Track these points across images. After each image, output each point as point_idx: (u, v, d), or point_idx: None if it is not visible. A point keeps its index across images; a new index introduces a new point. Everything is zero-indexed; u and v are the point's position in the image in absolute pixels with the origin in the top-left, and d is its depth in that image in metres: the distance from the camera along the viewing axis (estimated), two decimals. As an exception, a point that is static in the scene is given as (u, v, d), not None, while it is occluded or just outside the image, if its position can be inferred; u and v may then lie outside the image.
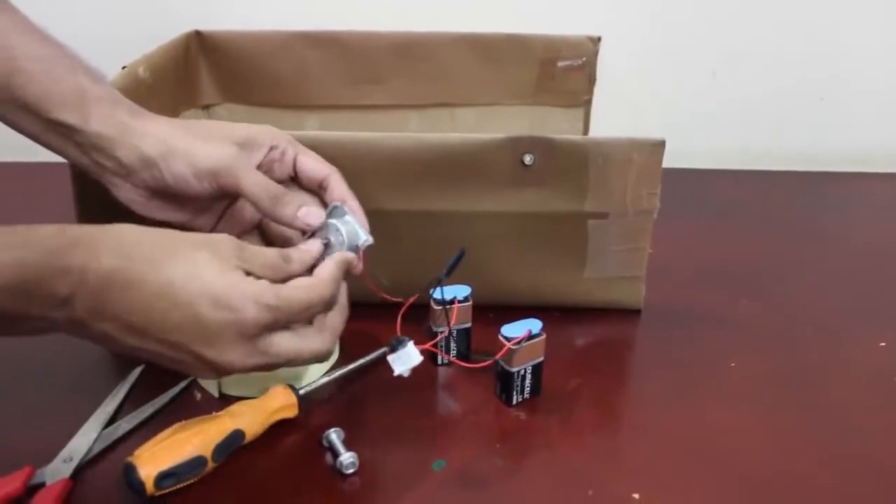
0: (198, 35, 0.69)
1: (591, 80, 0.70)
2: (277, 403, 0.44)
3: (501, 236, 0.53)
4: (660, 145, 0.50)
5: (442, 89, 0.71)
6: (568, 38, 0.69)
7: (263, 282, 0.36)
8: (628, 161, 0.50)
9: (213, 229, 0.46)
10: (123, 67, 0.58)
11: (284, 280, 0.38)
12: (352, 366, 0.49)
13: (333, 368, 0.49)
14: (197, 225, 0.45)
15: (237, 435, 0.42)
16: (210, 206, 0.46)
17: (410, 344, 0.41)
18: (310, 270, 0.41)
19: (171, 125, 0.43)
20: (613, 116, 0.71)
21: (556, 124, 0.70)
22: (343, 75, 0.70)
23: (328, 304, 0.39)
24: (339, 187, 0.45)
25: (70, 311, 0.34)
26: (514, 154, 0.50)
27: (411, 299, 0.46)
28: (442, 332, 0.49)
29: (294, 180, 0.46)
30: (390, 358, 0.41)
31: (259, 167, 0.43)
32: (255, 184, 0.42)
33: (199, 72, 0.70)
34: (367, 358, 0.50)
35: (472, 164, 0.50)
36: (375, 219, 0.46)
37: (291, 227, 0.43)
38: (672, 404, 0.48)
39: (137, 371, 0.48)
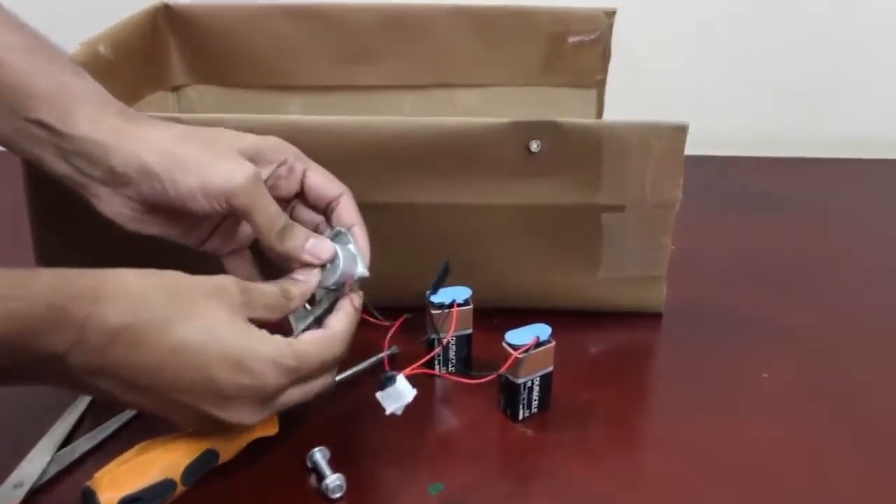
0: (166, 8, 0.69)
1: (606, 57, 0.70)
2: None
3: (505, 232, 0.53)
4: (682, 130, 0.50)
5: (439, 68, 0.71)
6: (579, 10, 0.69)
7: (279, 339, 0.38)
8: (647, 147, 0.50)
9: (202, 244, 0.46)
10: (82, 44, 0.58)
11: (283, 315, 0.41)
12: (339, 377, 0.48)
13: None
14: (187, 241, 0.45)
15: (210, 455, 0.41)
16: (205, 222, 0.46)
17: (401, 379, 0.41)
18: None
19: (173, 131, 0.43)
20: (630, 98, 0.70)
21: (566, 107, 0.70)
22: (329, 53, 0.70)
23: (340, 360, 0.41)
24: (348, 210, 0.45)
25: (62, 364, 0.34)
26: (520, 140, 0.50)
27: (400, 319, 0.47)
28: (440, 342, 0.49)
29: (299, 197, 0.46)
30: (380, 396, 0.41)
31: (265, 184, 0.43)
32: (265, 214, 0.42)
33: (167, 49, 0.69)
34: (356, 369, 0.50)
35: (472, 151, 0.50)
36: (363, 214, 0.46)
37: (297, 260, 0.43)
38: (698, 419, 0.48)
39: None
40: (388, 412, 0.41)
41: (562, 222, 0.53)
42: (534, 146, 0.50)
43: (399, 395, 0.41)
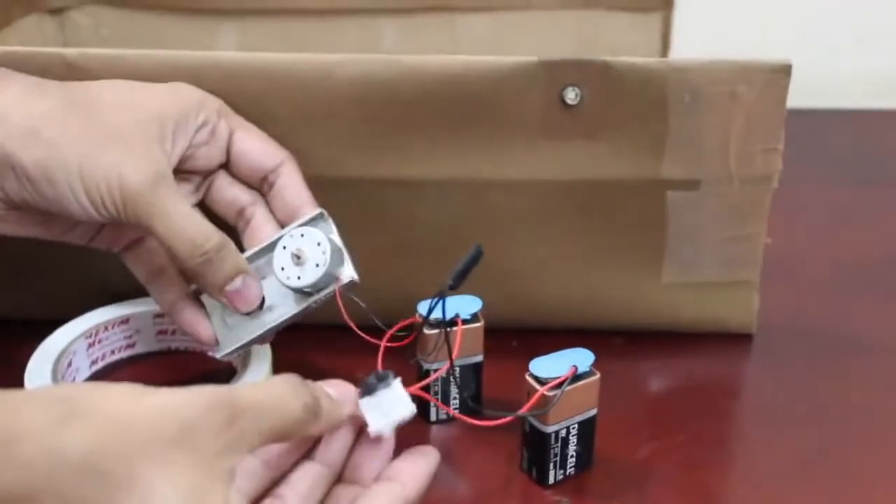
0: None
1: (673, -34, 0.71)
2: None
3: (530, 219, 0.54)
4: (783, 72, 0.50)
5: (433, -18, 0.73)
6: None
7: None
8: (732, 97, 0.50)
9: (90, 241, 0.47)
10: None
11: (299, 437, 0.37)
12: None
13: None
14: (69, 239, 0.47)
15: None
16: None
17: (397, 383, 0.41)
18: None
19: (44, 100, 0.43)
20: (706, 27, 0.72)
21: (617, 39, 0.70)
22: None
23: None
24: (294, 186, 0.46)
25: None
26: (551, 88, 0.50)
27: (396, 326, 0.47)
28: (437, 371, 0.49)
29: (225, 168, 0.47)
30: (364, 404, 0.40)
31: (179, 160, 0.45)
32: (175, 230, 0.43)
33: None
34: None
35: (482, 104, 0.50)
36: (328, 193, 0.47)
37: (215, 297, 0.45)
38: (802, 484, 0.48)
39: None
40: (372, 431, 0.40)
41: (608, 205, 0.53)
42: (570, 96, 0.50)
43: (392, 403, 0.40)
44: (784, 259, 0.58)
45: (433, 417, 0.52)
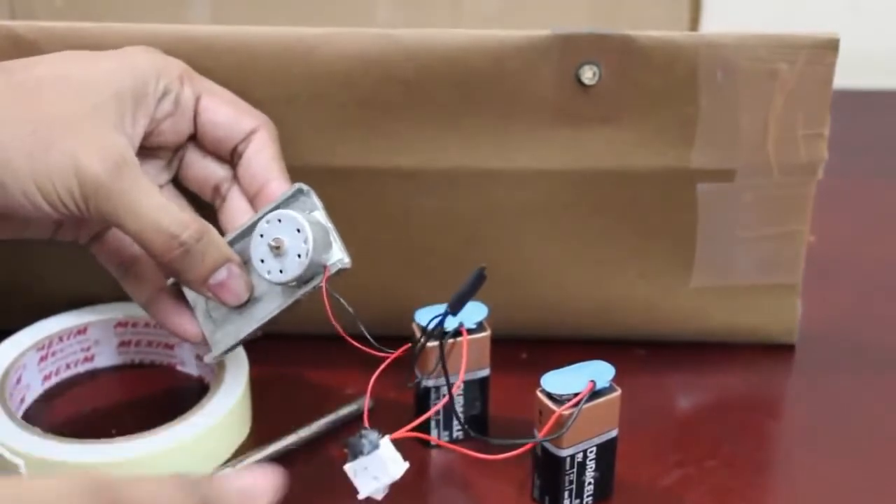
0: None
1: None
2: None
3: (542, 214, 0.53)
4: (829, 47, 0.49)
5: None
6: None
7: None
8: (771, 75, 0.49)
9: (52, 235, 0.47)
10: None
11: None
12: (273, 448, 0.48)
13: (239, 454, 0.49)
14: (28, 236, 0.46)
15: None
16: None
17: (385, 443, 0.40)
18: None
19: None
20: None
21: (640, 10, 0.71)
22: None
23: None
24: (262, 158, 0.46)
25: None
26: (567, 65, 0.49)
27: (397, 352, 0.45)
28: (442, 392, 0.48)
29: (194, 140, 0.47)
30: (352, 469, 0.40)
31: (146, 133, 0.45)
32: (144, 221, 0.42)
33: None
34: (302, 433, 0.49)
35: (489, 84, 0.50)
36: (315, 184, 0.46)
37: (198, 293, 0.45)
38: None
39: None
40: (361, 496, 0.40)
41: (630, 199, 0.52)
42: (588, 75, 0.49)
43: (382, 467, 0.40)
44: (830, 260, 0.57)
45: (433, 441, 0.51)
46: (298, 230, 0.43)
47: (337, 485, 0.45)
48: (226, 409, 0.47)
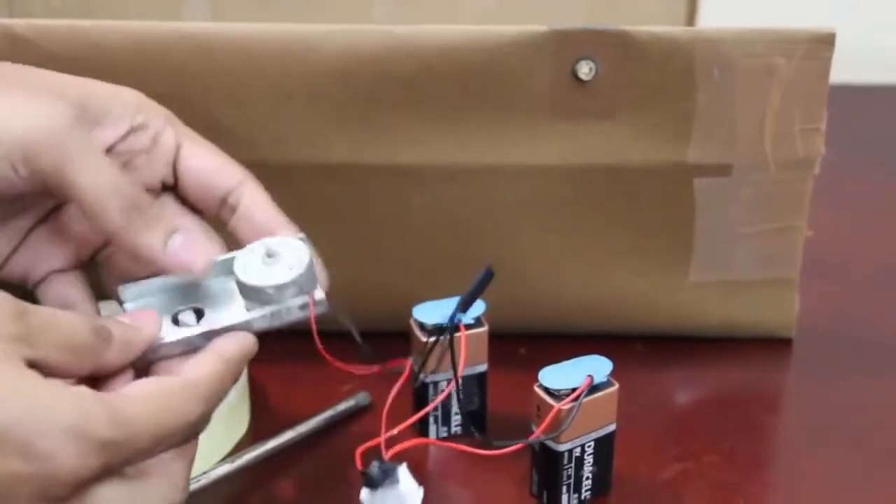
0: None
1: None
2: None
3: (540, 210, 0.53)
4: (826, 42, 0.49)
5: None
6: None
7: (84, 392, 0.34)
8: (768, 70, 0.49)
9: (5, 263, 0.43)
10: None
11: (95, 371, 0.37)
12: (272, 444, 0.48)
13: (239, 450, 0.49)
14: None
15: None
16: (10, 218, 0.43)
17: (404, 473, 0.41)
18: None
19: None
20: None
21: (636, 6, 0.71)
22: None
23: (198, 430, 0.38)
24: (261, 207, 0.44)
25: None
26: (562, 60, 0.49)
27: (403, 376, 0.45)
28: (440, 387, 0.48)
29: (173, 191, 0.45)
30: (367, 499, 0.40)
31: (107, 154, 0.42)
32: (98, 177, 0.40)
33: None
34: (300, 429, 0.49)
35: (485, 80, 0.50)
36: (312, 181, 0.47)
37: (155, 265, 0.42)
38: None
39: None
40: None
41: (628, 194, 0.53)
42: (585, 70, 0.49)
43: (399, 500, 0.40)
44: (828, 255, 0.57)
45: (432, 436, 0.51)
46: (297, 249, 0.42)
47: (335, 480, 0.47)
48: (224, 405, 0.45)
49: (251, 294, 0.41)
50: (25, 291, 0.43)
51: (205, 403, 0.37)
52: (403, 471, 0.40)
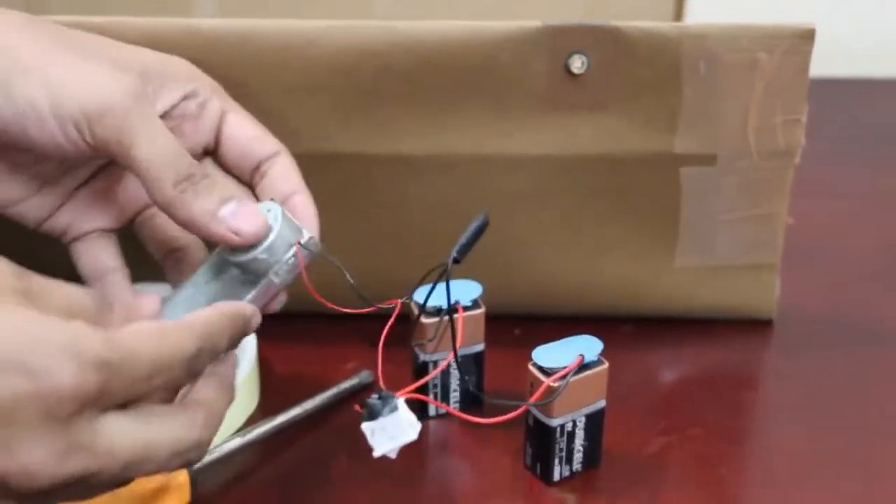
0: None
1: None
2: (153, 484, 0.44)
3: (533, 198, 0.53)
4: (806, 38, 0.50)
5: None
6: None
7: (79, 323, 0.34)
8: (751, 65, 0.50)
9: (47, 218, 0.45)
10: None
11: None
12: (281, 419, 0.49)
13: (249, 424, 0.49)
14: (25, 211, 0.44)
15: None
16: (62, 176, 0.44)
17: (402, 405, 0.40)
18: None
19: (11, 19, 0.42)
20: None
21: (627, 2, 0.70)
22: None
23: (194, 369, 0.37)
24: (286, 175, 0.45)
25: None
26: (556, 55, 0.50)
27: (394, 313, 0.44)
28: (438, 366, 0.48)
29: (212, 155, 0.46)
30: (369, 428, 0.40)
31: (161, 119, 0.43)
32: (156, 149, 0.40)
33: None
34: (307, 405, 0.50)
35: (482, 73, 0.50)
36: (317, 169, 0.46)
37: (204, 234, 0.42)
38: (825, 482, 0.48)
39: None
40: (377, 454, 0.40)
41: (618, 183, 0.53)
42: (577, 64, 0.50)
43: (399, 429, 0.40)
44: (807, 241, 0.58)
45: (432, 412, 0.51)
46: (269, 210, 0.42)
47: (339, 454, 0.48)
48: (237, 382, 0.45)
49: (250, 270, 0.42)
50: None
51: (199, 340, 0.36)
52: (402, 403, 0.40)
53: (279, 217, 0.41)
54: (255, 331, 0.40)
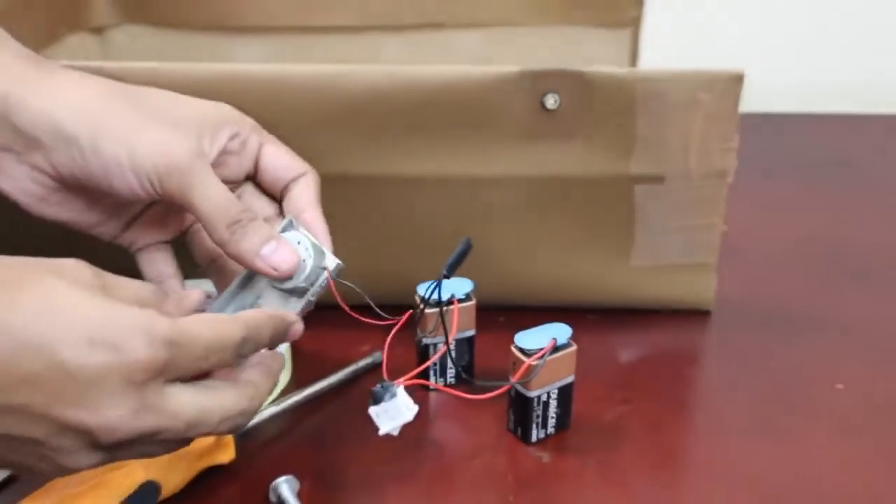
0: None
1: (641, -12, 0.71)
2: (205, 443, 0.44)
3: (514, 210, 0.54)
4: (736, 81, 0.50)
5: (429, 3, 0.72)
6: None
7: (151, 310, 0.35)
8: (693, 103, 0.51)
9: (118, 235, 0.46)
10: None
11: None
12: (310, 390, 0.50)
13: (284, 395, 0.50)
14: (100, 231, 0.45)
15: (150, 490, 0.41)
16: (128, 208, 0.45)
17: (401, 391, 0.40)
18: None
19: (94, 86, 0.42)
20: (671, 41, 0.72)
21: (592, 51, 0.71)
22: (290, -16, 0.72)
23: (241, 353, 0.38)
24: (304, 192, 0.45)
25: None
26: (533, 94, 0.50)
27: (404, 317, 0.45)
28: (438, 351, 0.49)
29: (252, 179, 0.46)
30: (374, 412, 0.41)
31: (213, 163, 0.43)
32: (212, 201, 0.41)
33: (87, -22, 0.70)
34: (331, 379, 0.51)
35: (472, 108, 0.51)
36: (337, 188, 0.46)
37: (249, 267, 0.42)
38: (754, 441, 0.48)
39: None
40: (381, 432, 0.41)
41: (584, 198, 0.54)
42: (550, 101, 0.50)
43: (398, 411, 0.41)
44: (739, 244, 0.58)
45: (431, 386, 0.52)
46: (299, 242, 0.42)
47: (356, 419, 0.47)
48: None
49: (292, 293, 0.42)
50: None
51: (246, 330, 0.37)
52: (401, 390, 0.40)
53: (310, 248, 0.42)
54: (298, 338, 0.41)
